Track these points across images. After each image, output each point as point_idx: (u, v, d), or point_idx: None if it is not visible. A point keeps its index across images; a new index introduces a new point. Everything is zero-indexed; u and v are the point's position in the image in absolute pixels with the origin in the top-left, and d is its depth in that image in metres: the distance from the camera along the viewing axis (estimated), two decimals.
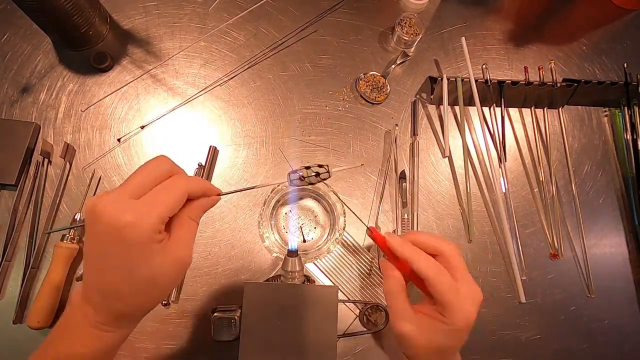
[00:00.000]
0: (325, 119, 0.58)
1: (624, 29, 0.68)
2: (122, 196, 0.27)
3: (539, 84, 0.60)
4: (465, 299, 0.34)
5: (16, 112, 0.54)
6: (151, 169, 0.28)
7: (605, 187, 0.60)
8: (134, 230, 0.26)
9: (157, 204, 0.27)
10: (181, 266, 0.30)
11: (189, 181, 0.29)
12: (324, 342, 0.41)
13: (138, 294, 0.29)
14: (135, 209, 0.26)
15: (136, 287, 0.28)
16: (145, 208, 0.26)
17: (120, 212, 0.26)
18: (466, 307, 0.34)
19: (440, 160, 0.58)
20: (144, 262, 0.27)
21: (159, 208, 0.27)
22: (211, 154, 0.54)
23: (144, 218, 0.26)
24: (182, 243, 0.29)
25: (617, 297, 0.55)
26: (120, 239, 0.26)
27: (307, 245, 0.52)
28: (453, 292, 0.33)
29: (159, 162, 0.29)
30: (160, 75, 0.58)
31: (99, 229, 0.27)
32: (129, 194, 0.27)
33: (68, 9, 0.49)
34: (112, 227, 0.26)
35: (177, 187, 0.28)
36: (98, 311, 0.29)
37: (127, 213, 0.26)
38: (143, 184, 0.28)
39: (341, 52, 0.61)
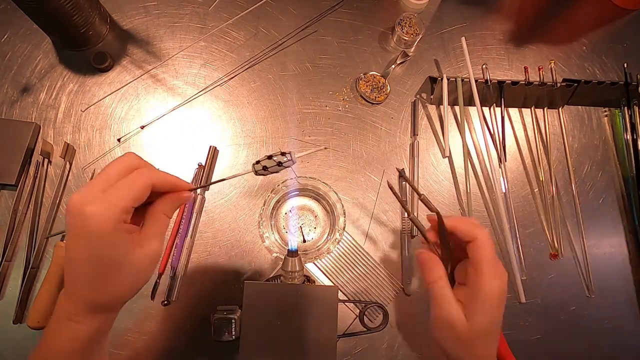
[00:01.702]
0: (325, 119, 0.58)
1: (624, 29, 0.68)
2: (89, 190, 0.28)
3: (539, 84, 0.60)
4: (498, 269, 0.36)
5: (16, 112, 0.54)
6: (117, 165, 0.30)
7: (605, 187, 0.60)
8: (97, 220, 0.27)
9: (120, 196, 0.28)
10: (151, 258, 0.31)
11: (152, 174, 0.31)
12: (324, 342, 0.41)
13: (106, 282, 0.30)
14: (99, 200, 0.28)
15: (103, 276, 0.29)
16: (109, 199, 0.28)
17: (85, 203, 0.27)
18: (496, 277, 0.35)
19: (440, 160, 0.58)
20: (108, 250, 0.28)
21: (122, 199, 0.28)
22: (211, 154, 0.54)
23: (107, 208, 0.28)
24: (152, 235, 0.31)
25: (617, 297, 0.55)
26: (85, 228, 0.27)
27: (307, 245, 0.52)
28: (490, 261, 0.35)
29: (125, 158, 0.31)
30: (160, 75, 0.58)
31: (70, 221, 0.28)
32: (97, 188, 0.28)
33: (68, 9, 0.49)
34: (78, 218, 0.28)
35: (140, 180, 0.30)
36: (74, 303, 0.30)
37: (92, 204, 0.27)
38: (109, 178, 0.29)
39: (341, 52, 0.61)
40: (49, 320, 0.45)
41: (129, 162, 0.31)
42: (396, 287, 0.53)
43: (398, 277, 0.53)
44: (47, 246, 0.50)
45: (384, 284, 0.52)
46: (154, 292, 0.49)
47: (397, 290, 0.52)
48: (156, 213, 0.32)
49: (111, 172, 0.30)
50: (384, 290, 0.52)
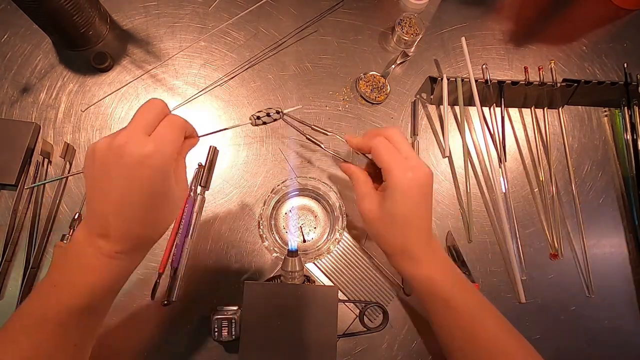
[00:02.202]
0: (325, 119, 0.58)
1: (624, 29, 0.68)
2: (135, 133, 0.31)
3: (539, 84, 0.60)
4: (402, 163, 0.39)
5: (16, 112, 0.54)
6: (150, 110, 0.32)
7: (605, 187, 0.60)
8: (156, 158, 0.30)
9: (170, 137, 0.32)
10: (184, 194, 0.35)
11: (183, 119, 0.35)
12: (324, 342, 0.41)
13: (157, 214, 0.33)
14: (153, 141, 0.30)
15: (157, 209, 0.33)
16: (161, 140, 0.31)
17: (141, 144, 0.30)
18: (403, 170, 0.39)
19: (440, 160, 0.58)
20: (165, 184, 0.32)
21: (173, 140, 0.32)
22: (211, 154, 0.54)
23: (163, 147, 0.31)
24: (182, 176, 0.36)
25: (617, 297, 0.55)
26: (147, 166, 0.30)
27: (307, 245, 0.52)
28: (390, 155, 0.39)
29: (155, 104, 0.33)
30: (160, 75, 0.58)
31: (122, 162, 0.30)
32: (140, 131, 0.31)
33: (68, 9, 0.49)
34: (137, 158, 0.30)
35: (178, 122, 0.33)
36: (117, 240, 0.32)
37: (148, 144, 0.30)
38: (149, 122, 0.32)
39: (341, 52, 0.61)
40: None
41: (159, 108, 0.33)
42: (396, 287, 0.53)
43: (398, 277, 0.53)
44: (47, 246, 0.50)
45: (384, 283, 0.52)
46: (154, 292, 0.49)
47: (397, 290, 0.52)
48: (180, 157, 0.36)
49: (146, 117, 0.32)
50: (384, 290, 0.52)
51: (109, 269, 0.33)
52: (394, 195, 0.39)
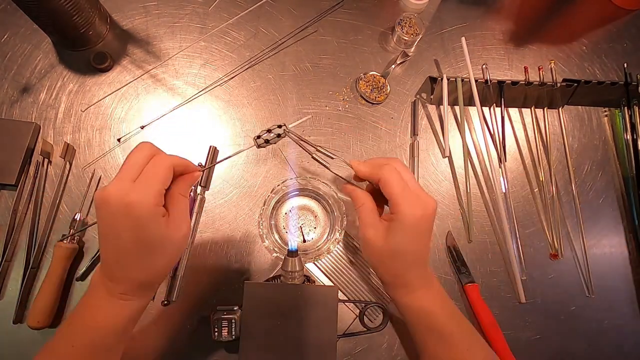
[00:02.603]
0: (325, 119, 0.58)
1: (624, 29, 0.68)
2: (122, 181, 0.31)
3: (539, 84, 0.60)
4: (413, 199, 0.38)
5: (16, 112, 0.54)
6: (139, 154, 0.33)
7: (605, 187, 0.60)
8: (139, 206, 0.31)
9: (152, 181, 0.32)
10: (183, 236, 0.35)
11: (171, 157, 0.34)
12: (324, 342, 0.41)
13: (152, 261, 0.33)
14: (136, 189, 0.31)
15: (149, 256, 0.33)
16: (143, 186, 0.31)
17: (125, 193, 0.31)
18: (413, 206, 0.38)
19: (440, 160, 0.58)
20: (152, 231, 0.32)
21: (155, 184, 0.32)
22: (211, 154, 0.54)
23: (145, 194, 0.31)
24: (180, 217, 0.35)
25: (617, 297, 0.55)
26: (129, 216, 0.31)
27: (307, 245, 0.52)
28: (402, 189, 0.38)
29: (142, 148, 0.34)
30: (160, 75, 0.58)
31: (110, 212, 0.31)
32: (128, 178, 0.32)
33: (68, 9, 0.49)
34: (121, 208, 0.31)
35: (163, 164, 0.33)
36: (119, 282, 0.34)
37: (131, 193, 0.31)
38: (135, 168, 0.32)
39: (341, 52, 0.61)
40: (49, 320, 0.46)
41: (147, 150, 0.34)
42: None
43: None
44: (47, 246, 0.50)
45: None
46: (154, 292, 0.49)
47: None
48: (175, 195, 0.35)
49: (135, 162, 0.33)
50: (384, 290, 0.52)
51: (117, 309, 0.34)
52: (401, 230, 0.38)
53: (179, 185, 0.36)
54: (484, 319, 0.51)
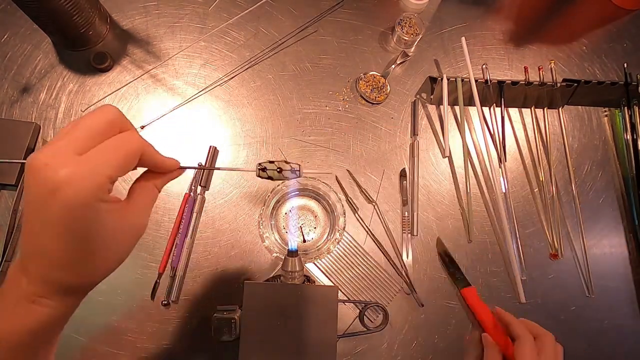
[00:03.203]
0: (325, 119, 0.58)
1: (624, 29, 0.68)
2: (63, 150, 0.22)
3: (539, 84, 0.60)
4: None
5: (16, 112, 0.54)
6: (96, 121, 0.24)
7: (605, 187, 0.59)
8: (76, 189, 0.22)
9: (105, 161, 0.23)
10: (135, 233, 0.27)
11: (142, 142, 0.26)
12: (324, 342, 0.41)
13: (82, 261, 0.25)
14: (78, 165, 0.22)
15: (80, 254, 0.24)
16: (91, 164, 0.23)
17: (59, 167, 0.22)
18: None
19: (440, 160, 0.58)
20: (88, 225, 0.23)
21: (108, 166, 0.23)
22: (211, 154, 0.54)
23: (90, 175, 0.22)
24: (140, 209, 0.27)
25: (617, 297, 0.55)
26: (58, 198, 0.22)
27: (307, 245, 0.52)
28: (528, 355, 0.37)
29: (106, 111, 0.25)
30: (160, 75, 0.58)
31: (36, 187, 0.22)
32: (73, 149, 0.23)
33: (68, 9, 0.49)
34: (49, 185, 0.22)
35: (129, 146, 0.25)
36: (33, 281, 0.25)
37: (67, 168, 0.22)
38: (89, 138, 0.23)
39: (341, 52, 0.61)
40: None
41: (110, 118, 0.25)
42: (396, 287, 0.53)
43: (398, 277, 0.53)
44: None
45: (384, 284, 0.52)
46: (154, 292, 0.49)
47: (397, 290, 0.52)
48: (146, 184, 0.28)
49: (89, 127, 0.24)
50: (384, 290, 0.52)
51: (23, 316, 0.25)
52: None
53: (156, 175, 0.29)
54: (486, 320, 0.50)
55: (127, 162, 0.25)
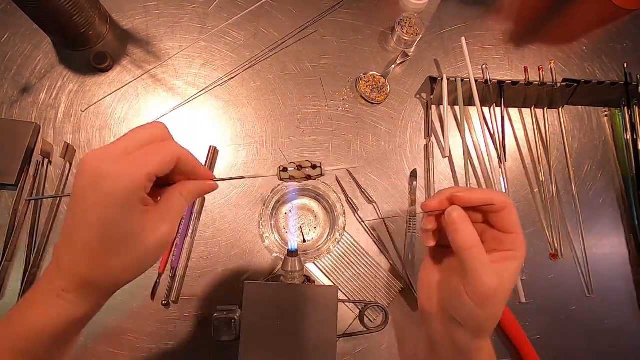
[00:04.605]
0: (325, 119, 0.58)
1: (624, 29, 0.68)
2: (112, 150, 0.26)
3: (539, 84, 0.60)
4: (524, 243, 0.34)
5: (16, 112, 0.54)
6: (145, 131, 0.28)
7: (605, 187, 0.60)
8: (117, 181, 0.24)
9: (146, 160, 0.26)
10: (163, 240, 0.28)
11: (180, 148, 0.28)
12: (324, 342, 0.41)
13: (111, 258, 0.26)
14: (121, 161, 0.25)
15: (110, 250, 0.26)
16: (132, 162, 0.25)
17: (104, 162, 0.25)
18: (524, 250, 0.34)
19: (440, 160, 0.58)
20: (122, 217, 0.25)
21: (148, 164, 0.26)
22: (211, 154, 0.54)
23: (131, 170, 0.25)
24: (168, 216, 0.28)
25: (617, 297, 0.55)
26: (100, 189, 0.24)
27: (307, 245, 0.52)
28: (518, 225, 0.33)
29: (153, 126, 0.29)
30: (160, 75, 0.58)
31: (82, 179, 0.25)
32: (120, 148, 0.26)
33: (68, 9, 0.49)
34: (94, 177, 0.24)
35: (168, 150, 0.27)
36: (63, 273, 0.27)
37: (113, 162, 0.25)
38: (134, 142, 0.27)
39: (341, 52, 0.61)
40: None
41: (157, 131, 0.28)
42: (396, 287, 0.53)
43: (398, 277, 0.53)
44: (47, 246, 0.50)
45: (384, 283, 0.52)
46: (154, 292, 0.49)
47: (397, 290, 0.52)
48: (176, 194, 0.29)
49: (137, 136, 0.27)
50: (384, 290, 0.52)
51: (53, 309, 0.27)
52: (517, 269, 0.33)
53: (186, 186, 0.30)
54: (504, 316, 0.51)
55: (165, 163, 0.27)
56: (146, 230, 0.27)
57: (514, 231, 0.33)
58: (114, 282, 0.28)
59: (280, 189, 0.51)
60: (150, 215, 0.27)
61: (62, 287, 0.27)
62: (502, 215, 0.33)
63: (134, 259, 0.27)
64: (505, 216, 0.33)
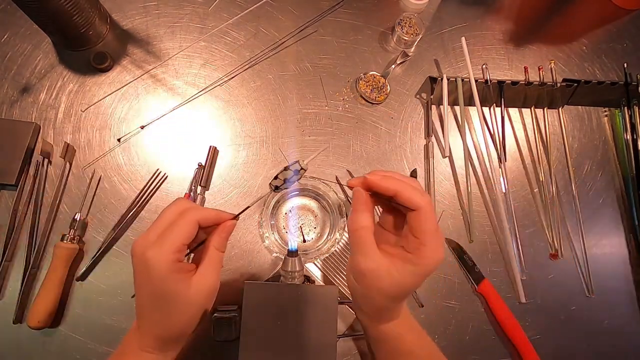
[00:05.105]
0: (325, 119, 0.58)
1: (624, 29, 0.68)
2: (148, 235, 0.32)
3: (539, 84, 0.60)
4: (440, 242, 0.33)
5: (16, 112, 0.54)
6: (170, 210, 0.34)
7: (605, 187, 0.60)
8: (154, 263, 0.31)
9: (172, 238, 0.32)
10: (207, 292, 0.34)
11: (196, 213, 0.33)
12: (324, 342, 0.40)
13: (167, 317, 0.33)
14: (155, 244, 0.31)
15: (164, 312, 0.33)
16: (162, 243, 0.32)
17: (145, 248, 0.31)
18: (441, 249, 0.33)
19: (440, 160, 0.58)
20: (166, 288, 0.32)
21: (174, 241, 0.32)
22: (211, 154, 0.54)
23: (162, 251, 0.31)
24: (207, 272, 0.34)
25: (617, 297, 0.55)
26: (146, 271, 0.31)
27: (307, 245, 0.52)
28: (435, 228, 0.33)
29: (176, 203, 0.34)
30: (160, 75, 0.58)
31: (135, 264, 0.32)
32: (155, 232, 0.32)
33: (68, 9, 0.49)
34: (141, 262, 0.31)
35: (187, 220, 0.33)
36: (144, 335, 0.34)
37: (150, 249, 0.31)
38: (164, 223, 0.33)
39: (341, 52, 0.61)
40: (49, 320, 0.46)
41: (180, 206, 0.34)
42: None
43: None
44: (47, 246, 0.50)
45: None
46: None
47: None
48: (209, 249, 0.35)
49: (165, 217, 0.33)
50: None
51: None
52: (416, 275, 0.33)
53: (214, 238, 0.35)
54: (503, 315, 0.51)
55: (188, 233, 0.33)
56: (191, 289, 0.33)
57: (419, 237, 0.33)
58: (181, 334, 0.35)
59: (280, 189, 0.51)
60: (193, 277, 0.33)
61: (147, 344, 0.34)
62: (412, 216, 0.33)
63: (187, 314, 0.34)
64: (414, 218, 0.33)
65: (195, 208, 0.34)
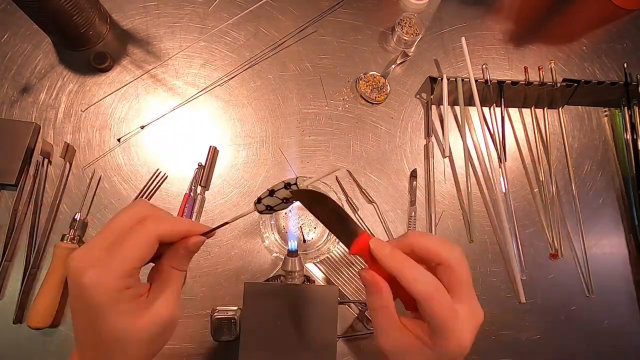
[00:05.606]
0: (325, 119, 0.58)
1: (624, 29, 0.68)
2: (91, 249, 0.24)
3: (539, 84, 0.60)
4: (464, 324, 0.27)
5: (16, 112, 0.54)
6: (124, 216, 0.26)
7: (605, 187, 0.60)
8: (95, 291, 0.23)
9: (122, 257, 0.24)
10: (161, 327, 0.26)
11: (159, 226, 0.26)
12: (324, 342, 0.40)
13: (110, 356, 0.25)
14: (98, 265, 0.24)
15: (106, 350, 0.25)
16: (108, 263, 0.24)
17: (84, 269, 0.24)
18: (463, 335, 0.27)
19: (440, 160, 0.58)
20: (108, 324, 0.24)
21: (123, 262, 0.24)
22: (211, 154, 0.54)
23: (106, 276, 0.24)
24: (163, 299, 0.26)
25: (617, 297, 0.55)
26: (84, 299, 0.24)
27: (307, 245, 0.52)
28: (451, 316, 0.26)
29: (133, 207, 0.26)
30: (160, 75, 0.58)
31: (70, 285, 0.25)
32: (101, 246, 0.25)
33: (68, 9, 0.49)
34: (77, 288, 0.24)
35: (144, 235, 0.25)
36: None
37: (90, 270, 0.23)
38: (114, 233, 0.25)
39: (341, 52, 0.61)
40: (49, 320, 0.46)
41: (137, 212, 0.26)
42: None
43: None
44: (47, 246, 0.50)
45: None
46: None
47: None
48: (165, 270, 0.27)
49: (116, 225, 0.25)
50: None
51: None
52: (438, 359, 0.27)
53: (170, 256, 0.27)
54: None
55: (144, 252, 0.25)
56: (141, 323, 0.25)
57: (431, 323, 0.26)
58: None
59: None
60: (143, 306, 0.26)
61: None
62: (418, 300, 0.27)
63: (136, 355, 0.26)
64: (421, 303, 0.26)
65: (158, 217, 0.26)
